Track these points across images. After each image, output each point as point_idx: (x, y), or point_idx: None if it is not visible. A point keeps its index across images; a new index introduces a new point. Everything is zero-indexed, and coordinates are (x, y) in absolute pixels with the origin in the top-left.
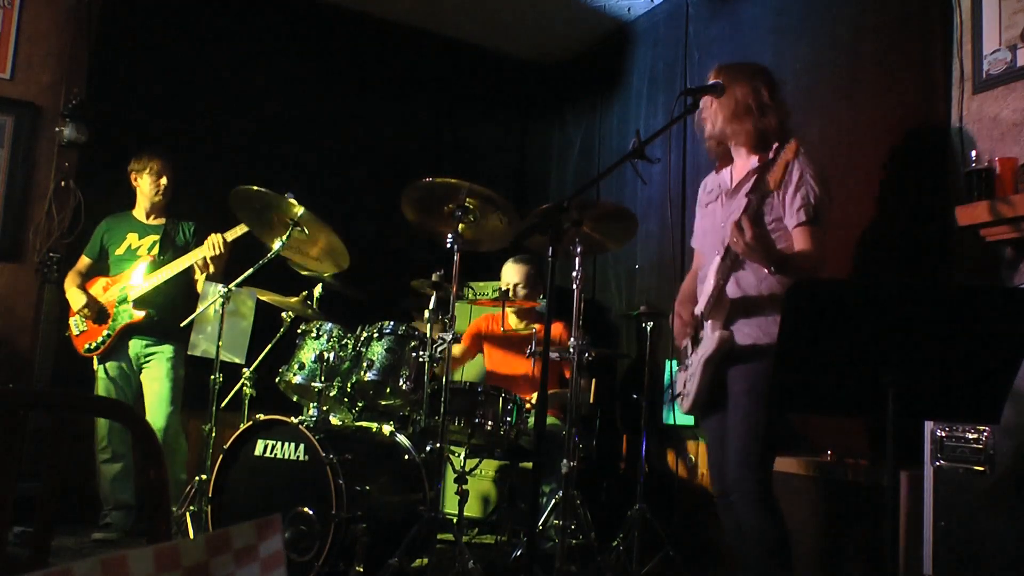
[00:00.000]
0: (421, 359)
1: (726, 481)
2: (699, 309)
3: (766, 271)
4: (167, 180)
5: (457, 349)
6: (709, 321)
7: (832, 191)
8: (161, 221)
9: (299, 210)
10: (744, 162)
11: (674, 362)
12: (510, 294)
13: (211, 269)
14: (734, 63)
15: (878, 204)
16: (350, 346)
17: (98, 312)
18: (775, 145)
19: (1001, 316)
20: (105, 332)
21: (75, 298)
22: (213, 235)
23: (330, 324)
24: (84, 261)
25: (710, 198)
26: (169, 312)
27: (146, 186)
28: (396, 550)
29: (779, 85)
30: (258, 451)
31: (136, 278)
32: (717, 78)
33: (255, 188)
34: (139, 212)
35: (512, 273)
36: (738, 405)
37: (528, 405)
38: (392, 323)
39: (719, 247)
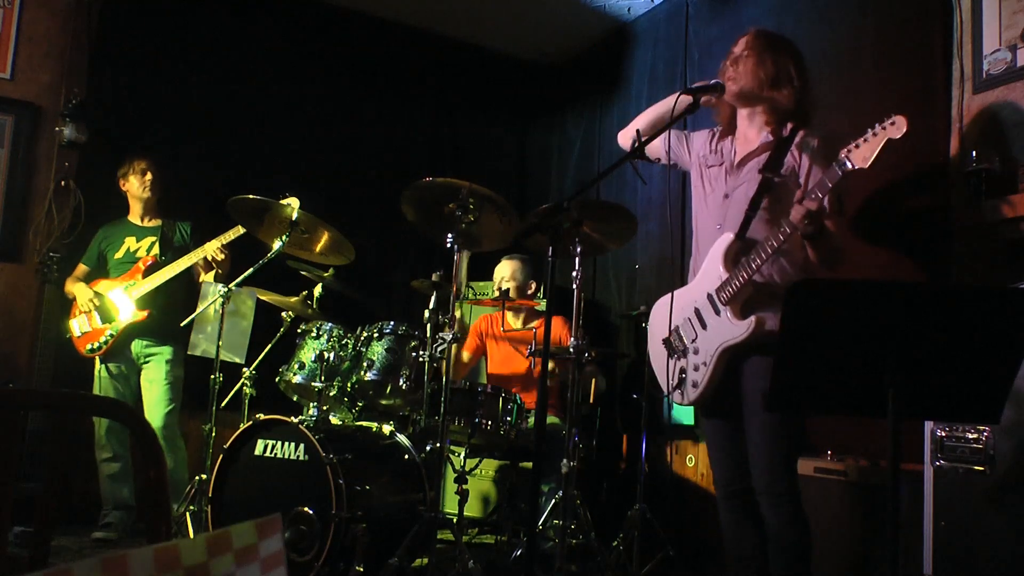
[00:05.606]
0: (421, 359)
1: (754, 482)
2: (708, 288)
3: (784, 263)
4: (152, 176)
5: (465, 355)
6: (728, 307)
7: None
8: (157, 222)
9: (296, 213)
10: (753, 134)
11: None
12: (509, 292)
13: (218, 271)
14: (775, 32)
15: (877, 204)
16: (350, 346)
17: (103, 309)
18: (790, 125)
19: (1001, 316)
20: (108, 332)
21: (81, 292)
22: (209, 242)
23: (330, 324)
24: (82, 268)
25: (713, 161)
26: (169, 313)
27: (134, 187)
28: (396, 550)
29: (809, 74)
30: (258, 451)
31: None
32: (755, 41)
33: (251, 196)
34: (134, 216)
35: (505, 268)
36: (759, 405)
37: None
38: (392, 323)
39: (720, 219)
